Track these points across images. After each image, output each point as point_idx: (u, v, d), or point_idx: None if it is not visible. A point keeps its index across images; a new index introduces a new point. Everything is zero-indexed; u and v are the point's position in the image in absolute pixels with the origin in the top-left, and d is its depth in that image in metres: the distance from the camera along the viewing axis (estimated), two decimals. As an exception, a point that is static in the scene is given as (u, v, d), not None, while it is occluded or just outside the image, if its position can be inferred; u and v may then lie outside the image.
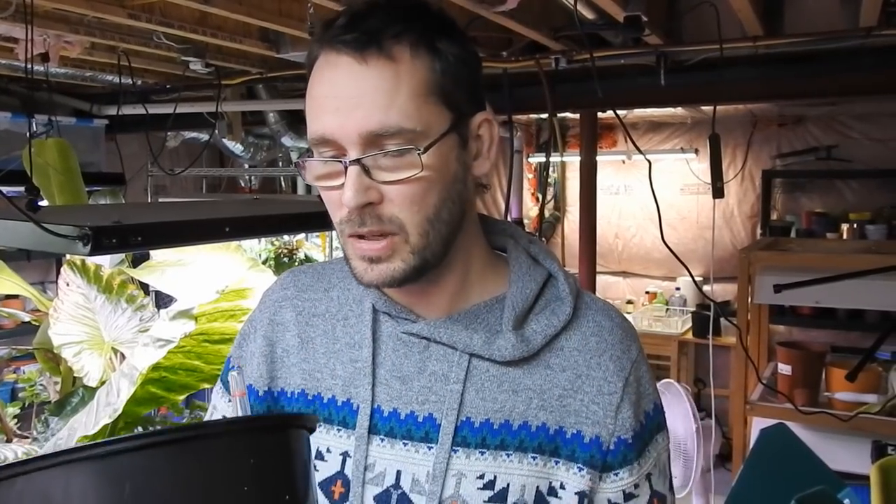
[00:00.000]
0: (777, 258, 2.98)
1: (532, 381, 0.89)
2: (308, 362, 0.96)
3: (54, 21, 2.49)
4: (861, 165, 5.02)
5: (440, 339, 0.89)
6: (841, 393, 2.79)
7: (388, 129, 0.79)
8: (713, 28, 2.44)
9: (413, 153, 0.80)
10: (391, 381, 0.91)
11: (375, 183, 0.81)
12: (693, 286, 5.33)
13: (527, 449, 0.87)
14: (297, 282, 1.03)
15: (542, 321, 0.91)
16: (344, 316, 0.97)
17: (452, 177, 0.85)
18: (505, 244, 0.98)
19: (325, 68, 0.83)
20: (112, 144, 4.00)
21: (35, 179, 2.04)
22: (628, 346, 0.93)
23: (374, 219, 0.82)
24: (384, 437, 0.89)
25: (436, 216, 0.84)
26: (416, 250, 0.84)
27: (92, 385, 2.15)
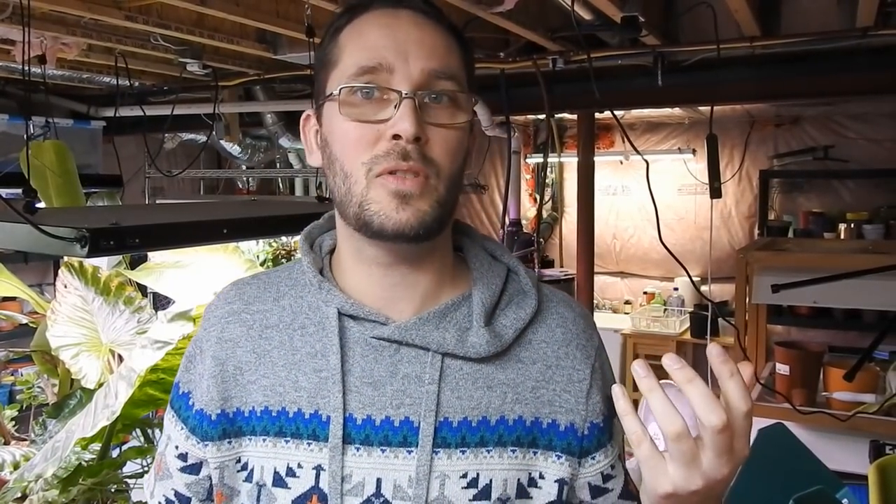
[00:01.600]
0: (775, 258, 2.98)
1: (505, 375, 0.90)
2: (268, 377, 0.91)
3: (51, 23, 2.50)
4: (858, 165, 5.02)
5: (412, 341, 0.88)
6: (839, 393, 2.79)
7: (448, 70, 0.85)
8: (710, 29, 2.44)
9: (461, 103, 0.86)
10: (362, 388, 0.88)
11: (424, 122, 0.83)
12: (691, 286, 5.34)
13: (506, 443, 0.88)
14: (242, 294, 0.98)
15: (511, 315, 0.92)
16: (301, 325, 0.92)
17: (468, 149, 0.90)
18: (461, 243, 0.98)
19: (381, 17, 0.87)
20: (109, 146, 4.00)
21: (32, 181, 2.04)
22: (591, 335, 0.96)
23: (419, 155, 0.82)
24: (360, 445, 0.86)
25: (459, 177, 0.87)
26: (441, 200, 0.85)
27: (90, 387, 2.15)
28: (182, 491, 0.97)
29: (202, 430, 0.93)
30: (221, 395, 0.92)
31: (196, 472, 0.96)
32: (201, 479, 0.96)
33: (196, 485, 0.96)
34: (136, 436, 2.28)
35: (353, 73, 0.84)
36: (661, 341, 5.32)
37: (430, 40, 0.85)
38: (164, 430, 1.00)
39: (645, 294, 5.88)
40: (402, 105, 0.81)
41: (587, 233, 3.96)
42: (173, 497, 0.98)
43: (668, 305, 5.63)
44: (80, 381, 2.18)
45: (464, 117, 0.86)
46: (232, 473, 0.92)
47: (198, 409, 0.93)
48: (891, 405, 2.69)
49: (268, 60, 3.22)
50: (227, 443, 0.92)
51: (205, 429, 0.92)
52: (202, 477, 0.96)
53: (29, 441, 2.26)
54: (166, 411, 1.00)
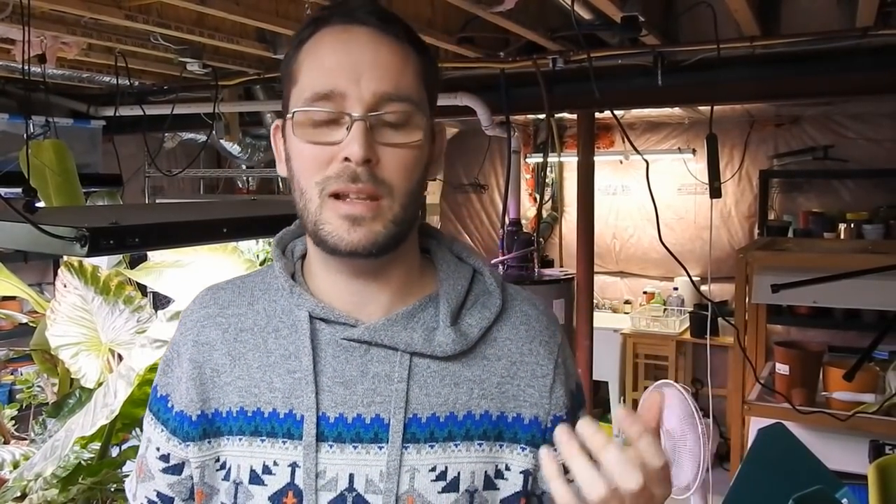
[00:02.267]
0: (774, 258, 2.98)
1: (471, 372, 0.93)
2: (243, 379, 0.94)
3: (51, 22, 2.49)
4: (857, 165, 5.02)
5: (381, 342, 0.91)
6: (838, 392, 2.79)
7: (400, 93, 0.86)
8: (710, 28, 2.44)
9: (417, 120, 0.87)
10: (334, 388, 0.91)
11: (376, 143, 0.85)
12: (691, 286, 5.34)
13: (473, 437, 0.92)
14: (217, 299, 1.01)
15: (476, 314, 0.95)
16: (274, 328, 0.95)
17: (425, 163, 0.92)
18: (428, 245, 1.01)
19: (338, 34, 0.88)
20: (109, 145, 4.00)
21: (32, 181, 2.04)
22: (553, 332, 1.00)
23: (370, 177, 0.85)
24: (333, 442, 0.90)
25: (415, 193, 0.89)
26: (396, 219, 0.87)
27: (89, 386, 2.15)
28: (164, 491, 1.00)
29: (183, 430, 0.96)
30: (200, 397, 0.95)
31: (178, 472, 0.99)
32: (183, 479, 0.99)
33: (178, 485, 1.00)
34: (135, 435, 2.29)
35: (308, 98, 0.87)
36: (660, 341, 5.32)
37: (382, 60, 0.86)
38: (144, 432, 1.03)
39: (645, 294, 5.88)
40: (353, 128, 0.84)
41: (587, 232, 3.96)
42: (156, 498, 1.01)
43: (667, 305, 5.63)
44: (79, 381, 2.18)
45: (417, 135, 0.87)
46: (212, 472, 0.95)
47: (178, 411, 0.97)
48: (890, 405, 2.69)
49: (268, 60, 3.21)
50: (207, 443, 0.95)
51: (186, 429, 0.95)
52: (184, 477, 0.99)
53: (28, 440, 2.26)
54: (145, 414, 1.03)
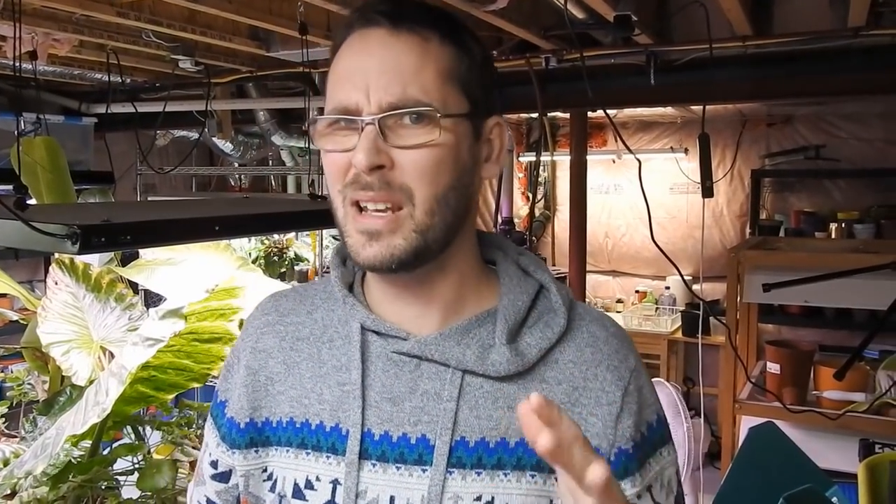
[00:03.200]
0: (766, 257, 2.99)
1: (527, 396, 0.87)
2: (295, 388, 0.91)
3: (42, 19, 2.48)
4: (849, 165, 5.04)
5: (432, 357, 0.86)
6: (829, 391, 2.81)
7: (408, 97, 0.81)
8: (703, 28, 2.45)
9: (431, 121, 0.81)
10: (381, 403, 0.87)
11: (389, 147, 0.81)
12: (683, 285, 5.34)
13: (525, 467, 0.84)
14: (278, 306, 0.99)
15: (536, 334, 0.88)
16: (329, 338, 0.93)
17: (463, 165, 0.85)
18: (494, 257, 0.96)
19: (356, 40, 0.85)
20: (101, 143, 3.97)
21: (23, 178, 2.03)
22: (625, 356, 0.91)
23: (383, 184, 0.81)
24: (376, 461, 0.85)
25: (444, 197, 0.83)
26: (419, 228, 0.82)
27: (80, 384, 2.14)
28: (213, 498, 0.99)
29: (231, 437, 0.94)
30: (251, 405, 0.93)
31: (225, 479, 0.97)
32: (230, 487, 0.97)
33: (225, 493, 0.98)
34: (126, 433, 2.28)
35: (331, 108, 0.84)
36: (652, 340, 5.33)
37: (393, 64, 0.82)
38: (204, 437, 1.02)
39: (637, 293, 5.89)
40: (362, 134, 0.81)
41: (579, 231, 3.97)
42: (206, 503, 1.00)
43: (659, 304, 5.65)
44: (70, 378, 2.17)
45: (434, 134, 0.81)
46: (258, 482, 0.93)
47: (229, 417, 0.95)
48: (880, 404, 2.70)
49: (260, 57, 3.21)
50: (253, 451, 0.93)
51: (233, 437, 0.94)
52: (231, 485, 0.97)
53: (19, 438, 2.25)
54: (207, 418, 1.02)
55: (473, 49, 0.88)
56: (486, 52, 0.91)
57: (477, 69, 0.87)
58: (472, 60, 0.87)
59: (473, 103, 0.86)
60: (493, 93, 0.91)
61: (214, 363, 2.07)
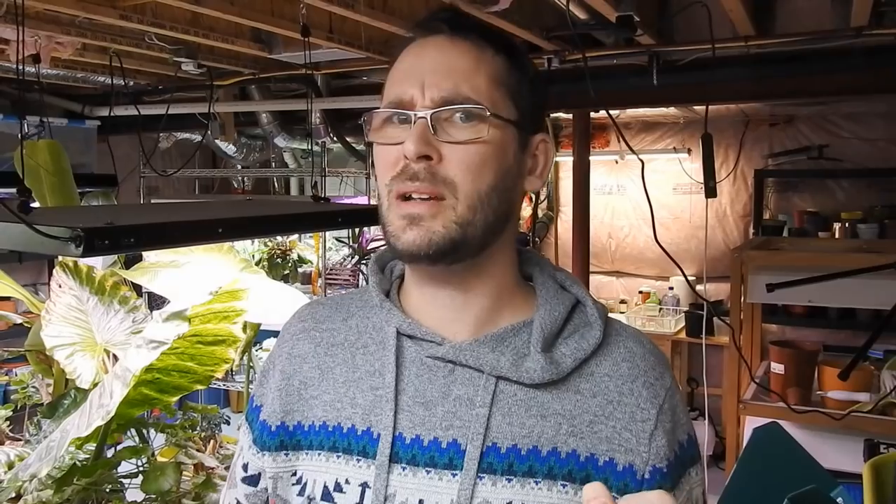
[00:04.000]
0: (769, 257, 2.99)
1: (561, 405, 0.86)
2: (328, 393, 0.93)
3: (45, 22, 2.49)
4: (852, 165, 5.03)
5: (466, 362, 0.87)
6: (833, 392, 2.80)
7: (461, 93, 0.84)
8: (705, 28, 2.45)
9: (481, 119, 0.84)
10: (414, 408, 0.87)
11: (438, 141, 0.84)
12: (686, 286, 5.34)
13: (556, 476, 0.84)
14: (314, 314, 1.01)
15: (572, 344, 0.89)
16: (364, 343, 0.94)
17: (507, 169, 0.88)
18: (531, 272, 0.97)
19: (415, 46, 0.90)
20: (104, 145, 3.98)
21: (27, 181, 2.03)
22: (661, 373, 0.91)
23: (429, 175, 0.83)
24: (406, 465, 0.86)
25: (486, 195, 0.85)
26: (460, 221, 0.84)
27: (84, 387, 2.14)
28: (242, 501, 1.01)
29: (262, 440, 0.96)
30: (283, 409, 0.95)
31: (255, 483, 0.99)
32: (259, 490, 0.99)
33: (254, 496, 1.00)
34: (130, 436, 2.28)
35: (387, 103, 0.88)
36: (656, 340, 5.24)
37: (448, 64, 0.86)
38: (239, 441, 1.03)
39: (640, 293, 5.89)
40: (413, 126, 0.84)
41: (582, 232, 3.97)
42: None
43: (663, 305, 5.64)
44: (74, 381, 2.17)
45: (482, 132, 0.84)
46: (286, 486, 0.93)
47: (262, 420, 0.97)
48: (885, 404, 2.70)
49: (263, 60, 3.21)
50: (283, 454, 0.94)
51: (264, 439, 0.95)
52: (260, 489, 0.99)
53: (23, 441, 2.26)
54: (242, 423, 1.03)
55: (526, 67, 0.92)
56: (539, 74, 0.95)
57: (528, 85, 0.91)
58: (524, 76, 0.91)
59: (522, 114, 0.89)
60: (543, 113, 0.97)
61: (218, 365, 2.08)
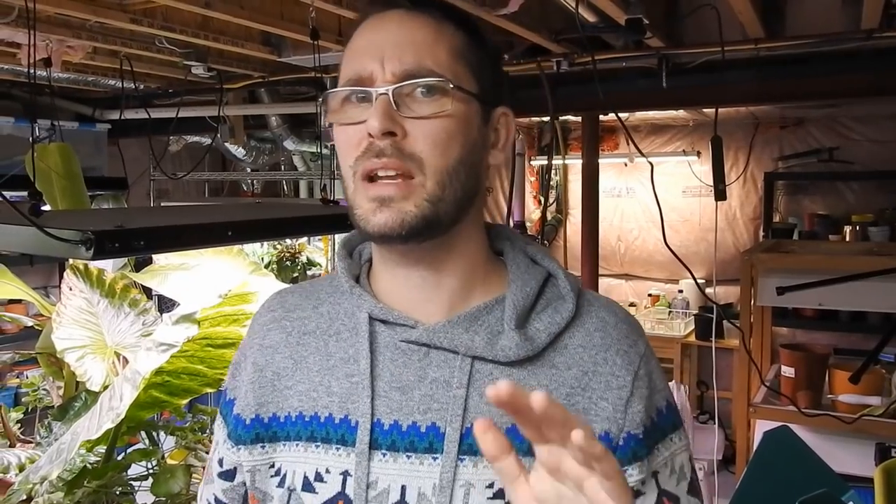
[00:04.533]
0: (780, 260, 2.98)
1: (538, 381, 0.86)
2: (303, 383, 0.91)
3: (56, 26, 2.50)
4: (862, 167, 5.01)
5: (440, 344, 0.86)
6: (844, 395, 2.78)
7: (423, 67, 0.83)
8: (714, 30, 2.44)
9: (444, 93, 0.83)
10: (391, 393, 0.87)
11: (402, 117, 0.82)
12: (696, 288, 5.33)
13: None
14: (283, 303, 1.00)
15: (545, 319, 0.89)
16: (336, 330, 0.93)
17: (473, 142, 0.87)
18: (502, 247, 0.96)
19: (372, 20, 0.88)
20: (114, 149, 4.00)
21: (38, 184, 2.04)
22: (635, 341, 0.91)
23: (395, 151, 0.82)
24: (386, 451, 0.85)
25: (454, 170, 0.84)
26: (431, 197, 0.83)
27: (95, 389, 2.15)
28: (220, 496, 1.00)
29: (237, 434, 0.94)
30: (257, 401, 0.93)
31: (231, 478, 0.98)
32: (236, 485, 0.98)
33: (231, 491, 0.98)
34: (141, 438, 2.29)
35: (345, 81, 0.86)
36: (666, 343, 5.31)
37: (408, 38, 0.84)
38: (214, 435, 1.02)
39: (650, 296, 5.87)
40: (375, 103, 0.82)
41: (591, 235, 3.96)
42: (214, 501, 1.00)
43: (672, 308, 5.62)
44: (85, 384, 2.18)
45: (446, 106, 0.83)
46: (265, 478, 0.92)
47: (236, 414, 0.95)
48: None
49: (272, 63, 3.22)
50: (259, 447, 0.93)
51: (239, 433, 0.94)
52: (236, 483, 0.98)
53: (34, 443, 2.27)
54: (217, 417, 1.02)
55: (485, 41, 0.91)
56: (498, 50, 0.95)
57: (488, 60, 0.90)
58: (484, 51, 0.90)
59: (482, 87, 0.88)
60: (503, 87, 0.95)
61: (227, 368, 2.08)
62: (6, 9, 2.21)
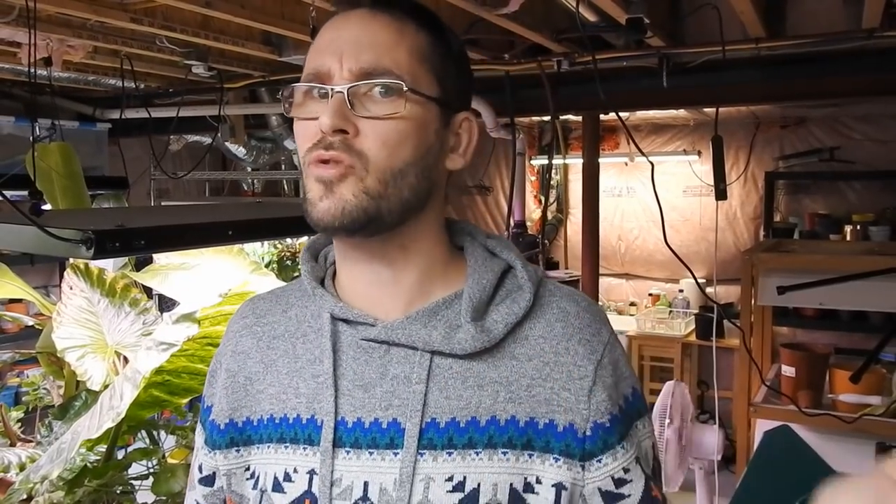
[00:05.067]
0: (780, 260, 2.97)
1: (497, 373, 0.86)
2: (273, 386, 0.93)
3: (57, 25, 2.50)
4: (863, 167, 5.01)
5: (399, 341, 0.87)
6: (845, 395, 2.78)
7: (378, 68, 0.83)
8: (715, 30, 2.44)
9: (399, 94, 0.83)
10: (354, 391, 0.88)
11: (356, 116, 0.83)
12: (696, 288, 5.33)
13: (496, 445, 0.84)
14: (255, 309, 1.01)
15: (503, 310, 0.89)
16: (303, 332, 0.94)
17: (427, 147, 0.87)
18: (463, 242, 0.97)
19: (337, 19, 0.88)
20: (115, 148, 4.00)
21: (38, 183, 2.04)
22: (598, 330, 0.91)
23: (343, 146, 0.83)
24: (350, 448, 0.86)
25: (401, 172, 0.84)
26: (370, 191, 0.83)
27: (95, 389, 2.15)
28: (202, 502, 1.01)
29: (212, 439, 0.96)
30: (231, 406, 0.95)
31: (210, 483, 0.99)
32: (215, 490, 0.99)
33: (212, 496, 1.00)
34: (141, 437, 2.29)
35: (305, 76, 0.87)
36: (666, 343, 5.31)
37: (368, 37, 0.85)
38: (196, 442, 1.03)
39: (650, 296, 5.87)
40: (330, 101, 0.83)
41: (592, 234, 3.96)
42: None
43: (673, 307, 5.62)
44: (85, 383, 2.18)
45: (399, 108, 0.83)
46: (240, 481, 0.94)
47: (211, 420, 0.97)
48: (897, 407, 2.68)
49: (273, 62, 3.22)
50: (234, 451, 0.94)
51: (214, 438, 0.96)
52: (216, 488, 0.99)
53: (35, 442, 2.27)
54: (197, 426, 1.03)
55: (451, 42, 0.91)
56: (463, 50, 0.94)
57: (452, 62, 0.90)
58: (448, 52, 0.90)
59: (444, 91, 0.88)
60: (469, 92, 0.95)
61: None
62: (7, 8, 2.21)
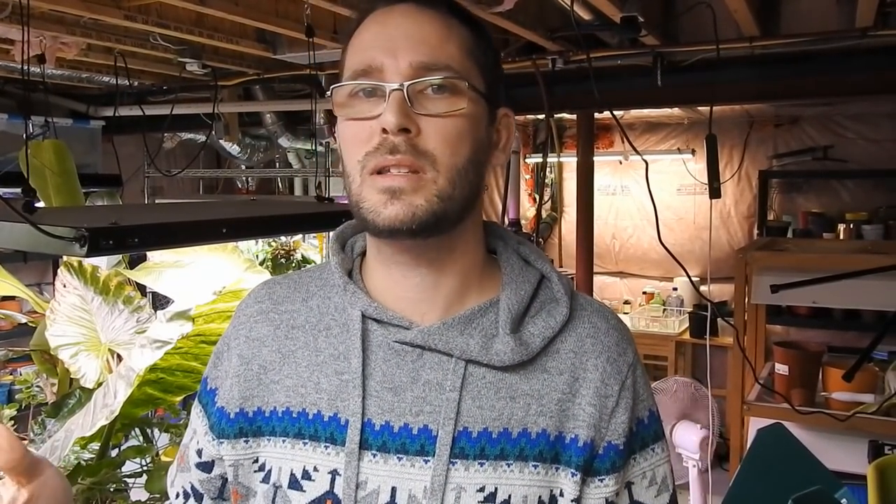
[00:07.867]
0: (774, 258, 2.98)
1: (530, 386, 0.86)
2: (291, 378, 0.90)
3: (51, 22, 2.50)
4: (857, 166, 5.03)
5: (435, 347, 0.85)
6: (838, 393, 2.79)
7: (438, 62, 0.82)
8: (709, 29, 2.44)
9: (456, 91, 0.82)
10: (382, 393, 0.85)
11: (415, 114, 0.81)
12: (690, 286, 5.35)
13: (527, 457, 0.84)
14: (271, 294, 0.97)
15: (539, 323, 0.88)
16: (326, 326, 0.91)
17: (480, 142, 0.86)
18: (495, 246, 0.96)
19: (378, 15, 0.86)
20: (109, 146, 4.00)
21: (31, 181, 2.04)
22: (624, 349, 0.91)
23: (409, 148, 0.80)
24: (376, 451, 0.84)
25: (464, 169, 0.83)
26: (442, 194, 0.81)
27: (89, 387, 2.14)
28: (197, 487, 0.98)
29: (219, 427, 0.93)
30: (242, 395, 0.92)
31: (208, 469, 0.96)
32: (213, 477, 0.96)
33: (208, 482, 0.97)
34: (135, 435, 2.28)
35: (348, 77, 0.84)
36: (660, 341, 5.32)
37: (421, 32, 0.83)
38: (191, 423, 1.00)
39: (644, 294, 5.88)
40: (389, 98, 0.80)
41: (586, 233, 3.96)
42: (190, 490, 0.99)
43: (667, 305, 5.63)
44: (79, 381, 2.18)
45: (461, 104, 0.82)
46: (248, 473, 0.91)
47: (219, 407, 0.94)
48: (890, 405, 2.69)
49: (267, 60, 3.22)
50: (243, 441, 0.91)
51: (222, 426, 0.92)
52: (214, 476, 0.96)
53: (28, 440, 2.26)
54: (194, 405, 1.00)
55: (490, 39, 0.91)
56: (497, 50, 0.94)
57: (492, 56, 0.90)
58: (489, 46, 0.89)
59: (489, 87, 0.87)
60: (502, 87, 0.94)
61: (222, 365, 2.08)
62: (0, 5, 2.20)
